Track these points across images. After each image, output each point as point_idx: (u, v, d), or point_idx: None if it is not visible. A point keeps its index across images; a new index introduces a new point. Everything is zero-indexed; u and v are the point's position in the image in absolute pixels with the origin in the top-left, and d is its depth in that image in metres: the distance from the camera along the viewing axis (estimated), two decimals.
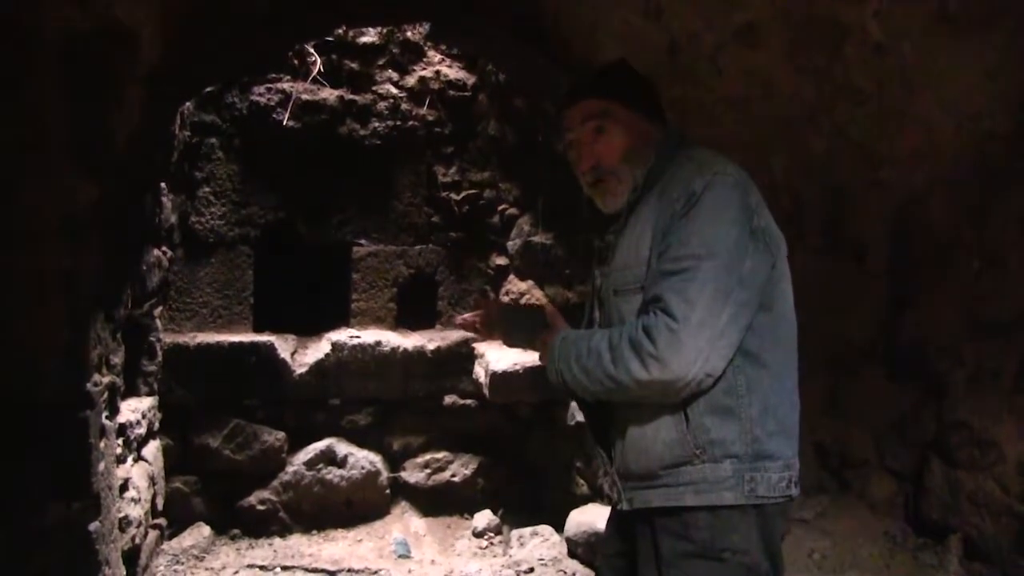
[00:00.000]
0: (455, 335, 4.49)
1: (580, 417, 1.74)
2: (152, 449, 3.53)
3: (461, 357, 4.37)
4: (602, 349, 1.53)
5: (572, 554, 3.66)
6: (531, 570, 3.57)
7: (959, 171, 2.61)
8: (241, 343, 4.10)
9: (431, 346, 4.36)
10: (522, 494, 4.36)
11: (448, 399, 4.42)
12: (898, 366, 2.88)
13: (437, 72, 4.76)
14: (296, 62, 4.51)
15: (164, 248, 3.84)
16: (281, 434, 4.17)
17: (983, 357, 2.64)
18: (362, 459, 4.25)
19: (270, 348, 4.11)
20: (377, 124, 4.64)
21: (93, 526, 2.39)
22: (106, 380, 2.54)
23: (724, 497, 1.50)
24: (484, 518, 4.19)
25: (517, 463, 4.42)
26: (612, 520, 1.81)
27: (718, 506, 1.50)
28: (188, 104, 4.03)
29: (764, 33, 2.61)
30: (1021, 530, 2.50)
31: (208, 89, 3.96)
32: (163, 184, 3.70)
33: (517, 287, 4.54)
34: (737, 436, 1.50)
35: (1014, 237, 2.53)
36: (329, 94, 4.55)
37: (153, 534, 3.49)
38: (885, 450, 2.96)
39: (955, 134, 2.57)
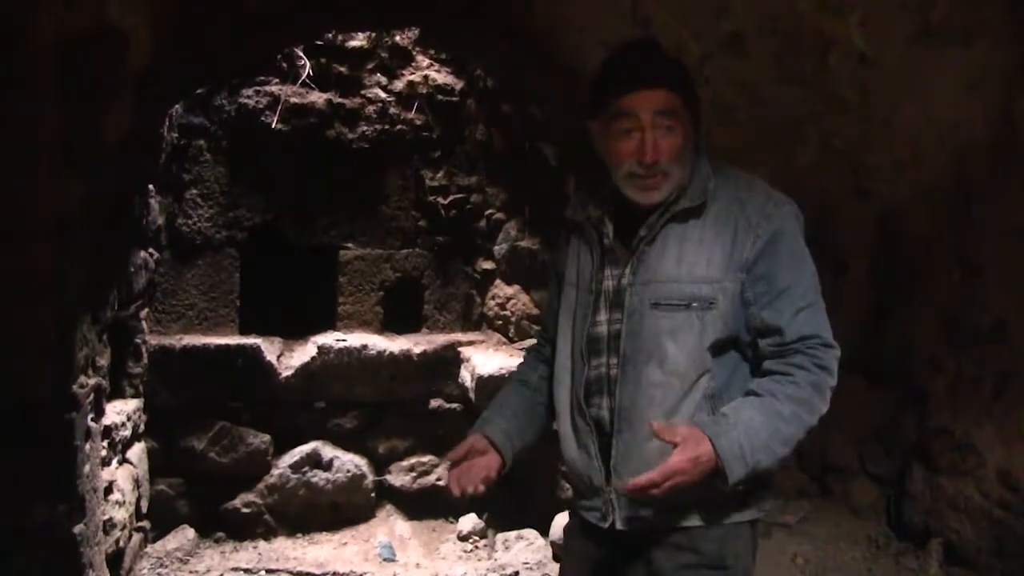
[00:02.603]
0: (441, 339, 4.49)
1: None
2: (137, 451, 3.52)
3: (447, 361, 4.37)
4: (795, 410, 1.47)
5: (557, 558, 3.67)
6: (516, 574, 3.58)
7: (940, 181, 2.66)
8: (227, 345, 4.09)
9: (417, 350, 4.36)
10: (507, 498, 4.36)
11: (434, 403, 4.41)
12: (880, 373, 2.92)
13: (425, 77, 4.76)
14: (285, 65, 4.51)
15: (151, 250, 3.84)
16: (266, 437, 4.15)
17: (963, 364, 2.69)
18: (347, 462, 4.24)
19: (256, 351, 4.10)
20: (365, 128, 4.64)
21: (78, 528, 2.38)
22: (92, 382, 2.54)
23: (743, 515, 1.54)
24: (469, 522, 4.19)
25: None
26: (575, 540, 1.73)
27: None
28: (176, 106, 4.02)
29: (750, 43, 2.65)
30: (1000, 534, 2.54)
31: (197, 91, 3.95)
32: (151, 186, 3.69)
33: (504, 292, 4.56)
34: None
35: (992, 246, 2.58)
36: (318, 97, 4.54)
37: (137, 537, 3.48)
38: (867, 456, 3.00)
39: (936, 145, 2.62)
